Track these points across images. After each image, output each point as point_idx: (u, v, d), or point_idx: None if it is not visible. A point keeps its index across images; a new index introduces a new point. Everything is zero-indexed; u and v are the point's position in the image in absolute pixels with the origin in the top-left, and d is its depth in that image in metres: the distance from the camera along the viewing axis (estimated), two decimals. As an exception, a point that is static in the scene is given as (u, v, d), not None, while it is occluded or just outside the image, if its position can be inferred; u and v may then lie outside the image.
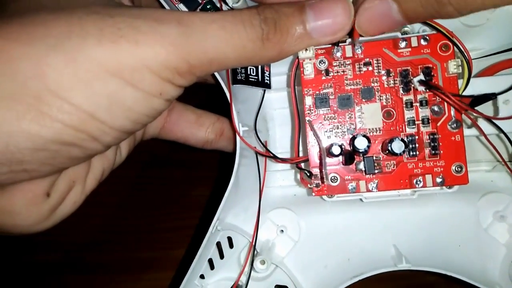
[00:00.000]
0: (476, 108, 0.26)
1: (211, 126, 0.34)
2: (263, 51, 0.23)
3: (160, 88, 0.22)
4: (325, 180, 0.27)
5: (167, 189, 0.46)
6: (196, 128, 0.34)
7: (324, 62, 0.27)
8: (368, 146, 0.26)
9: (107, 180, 0.42)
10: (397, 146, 0.25)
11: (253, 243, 0.31)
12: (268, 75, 0.31)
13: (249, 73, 0.30)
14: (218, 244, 0.32)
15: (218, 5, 0.29)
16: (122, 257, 0.44)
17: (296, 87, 0.28)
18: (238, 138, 0.29)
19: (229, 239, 0.33)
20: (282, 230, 0.33)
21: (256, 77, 0.30)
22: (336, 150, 0.26)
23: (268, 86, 0.31)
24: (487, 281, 0.29)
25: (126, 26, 0.21)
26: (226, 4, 0.28)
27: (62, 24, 0.20)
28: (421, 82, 0.26)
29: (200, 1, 0.28)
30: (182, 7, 0.28)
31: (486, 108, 0.27)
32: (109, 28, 0.20)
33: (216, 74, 0.29)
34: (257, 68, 0.30)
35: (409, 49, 0.27)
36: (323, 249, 0.33)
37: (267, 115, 0.36)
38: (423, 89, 0.26)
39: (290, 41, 0.23)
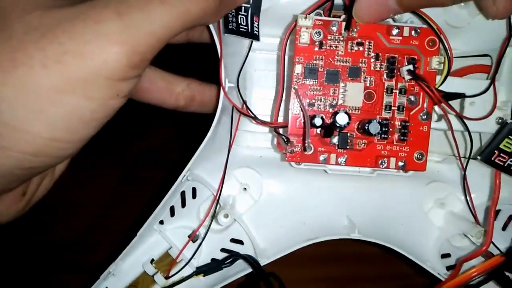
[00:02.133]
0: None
1: (181, 93, 0.34)
2: (207, 8, 0.23)
3: (116, 89, 0.22)
4: (306, 150, 0.28)
5: (152, 189, 0.45)
6: (167, 95, 0.33)
7: (320, 34, 0.28)
8: (348, 123, 0.27)
9: (93, 181, 0.46)
10: (374, 128, 0.27)
11: (217, 196, 0.31)
12: (257, 26, 0.31)
13: (239, 22, 0.29)
14: (182, 194, 0.33)
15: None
16: (112, 258, 0.44)
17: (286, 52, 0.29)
18: (222, 93, 0.29)
19: (194, 190, 0.33)
20: (245, 188, 0.35)
21: (246, 27, 0.30)
22: (318, 121, 0.27)
23: (257, 37, 0.30)
24: (421, 258, 0.33)
25: (67, 38, 0.20)
26: None
27: (6, 53, 0.20)
28: (409, 71, 0.27)
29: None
30: None
31: (453, 106, 0.29)
32: (50, 46, 0.20)
33: (211, 26, 0.28)
34: (246, 18, 0.30)
35: (400, 38, 0.28)
36: (281, 210, 0.35)
37: (247, 74, 0.36)
38: (409, 78, 0.28)
39: None
